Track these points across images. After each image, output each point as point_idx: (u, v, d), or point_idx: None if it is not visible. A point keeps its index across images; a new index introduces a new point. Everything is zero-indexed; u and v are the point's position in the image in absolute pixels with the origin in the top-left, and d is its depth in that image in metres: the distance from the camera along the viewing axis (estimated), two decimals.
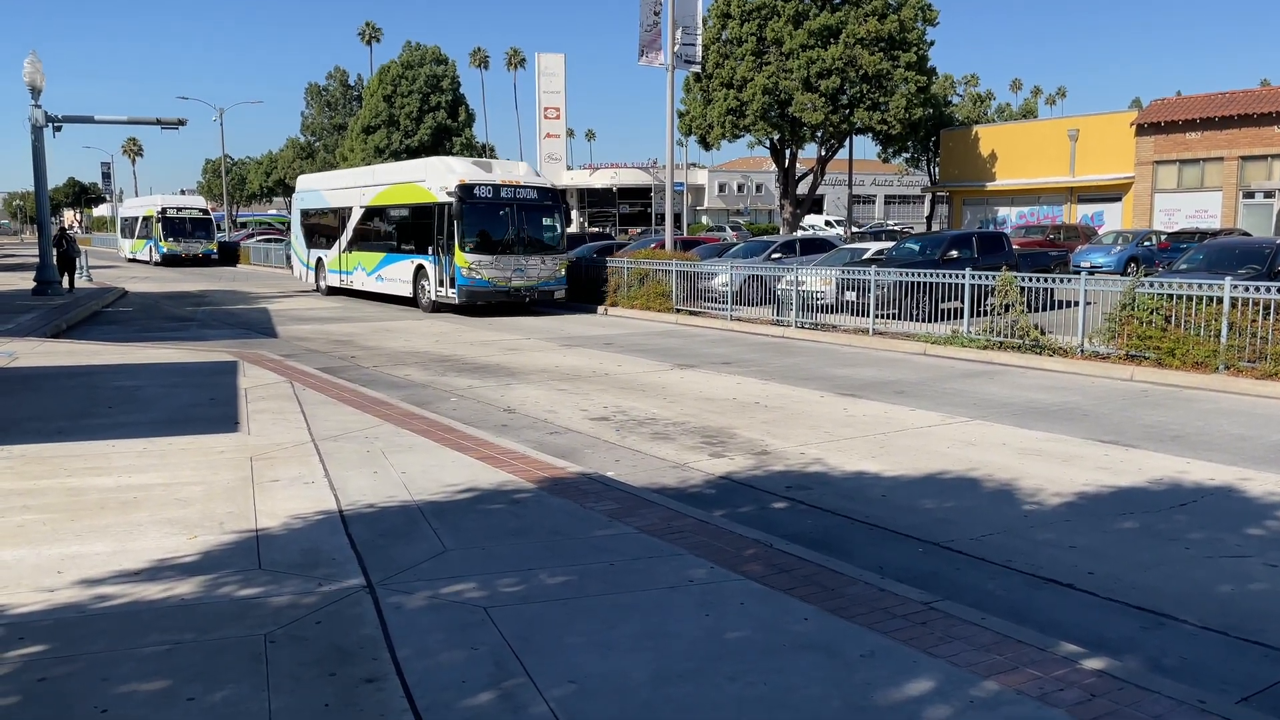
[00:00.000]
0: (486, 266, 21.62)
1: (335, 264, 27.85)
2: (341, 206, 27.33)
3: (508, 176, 22.66)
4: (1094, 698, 3.73)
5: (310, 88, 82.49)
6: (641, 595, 4.82)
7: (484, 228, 21.80)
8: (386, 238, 25.15)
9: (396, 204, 24.44)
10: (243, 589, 4.86)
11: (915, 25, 39.67)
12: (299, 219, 30.77)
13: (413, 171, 24.42)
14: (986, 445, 8.88)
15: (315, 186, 30.21)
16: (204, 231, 49.57)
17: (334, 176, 29.71)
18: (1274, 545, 6.06)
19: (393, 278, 24.64)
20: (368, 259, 25.89)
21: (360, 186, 26.46)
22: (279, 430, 8.59)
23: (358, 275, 26.45)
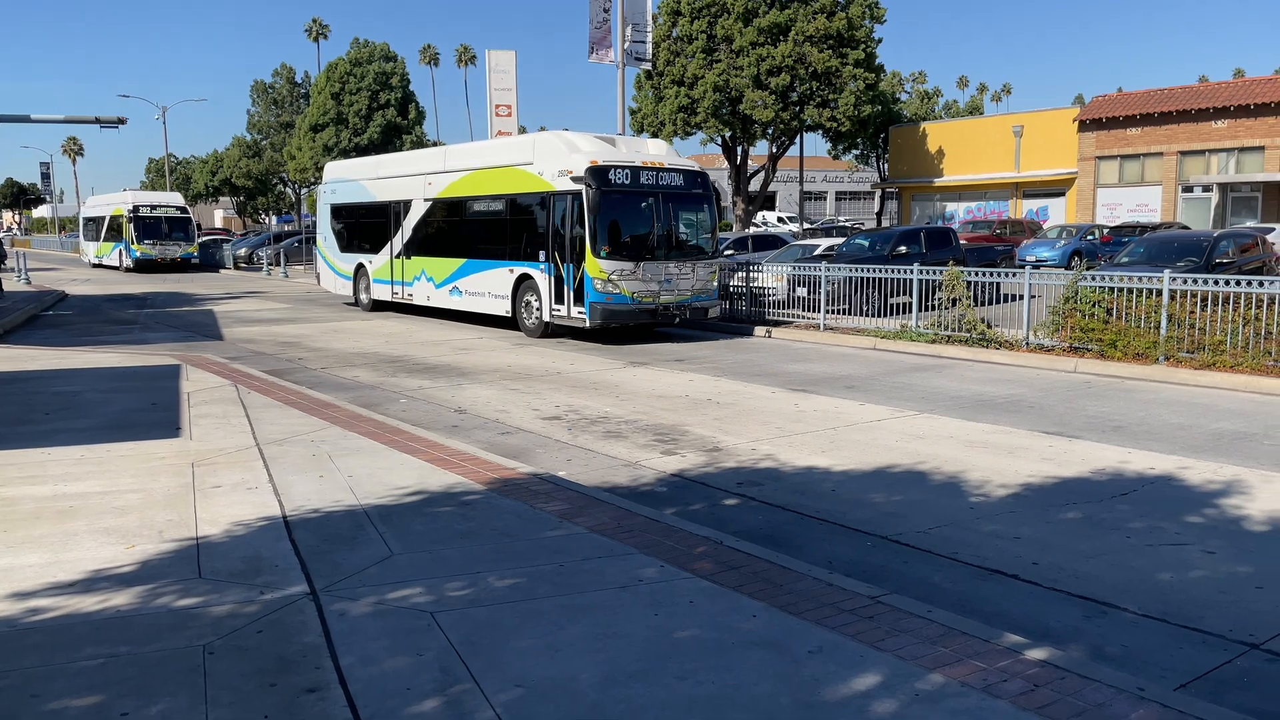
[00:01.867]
0: (626, 277, 15.88)
1: (384, 272, 22.10)
2: (395, 200, 21.57)
3: (645, 156, 16.94)
4: (1037, 688, 3.77)
5: (256, 85, 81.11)
6: (591, 596, 4.79)
7: (623, 225, 16.25)
8: (468, 239, 19.26)
9: (486, 194, 18.64)
10: (182, 599, 4.74)
11: (863, 23, 40.05)
12: (327, 217, 24.65)
13: (511, 151, 18.44)
14: (934, 438, 8.97)
15: (353, 175, 23.92)
16: (182, 232, 43.32)
17: (382, 162, 23.31)
18: (1212, 533, 6.20)
19: (479, 291, 18.79)
20: (437, 267, 20.09)
21: (425, 174, 20.64)
22: (222, 435, 8.42)
23: (421, 287, 20.69)
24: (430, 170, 20.54)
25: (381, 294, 22.32)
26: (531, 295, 17.39)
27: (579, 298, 16.15)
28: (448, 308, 19.97)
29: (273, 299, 27.86)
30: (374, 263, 22.57)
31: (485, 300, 18.71)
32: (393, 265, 21.80)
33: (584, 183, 15.70)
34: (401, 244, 21.41)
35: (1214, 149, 36.55)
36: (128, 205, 42.67)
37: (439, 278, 20.08)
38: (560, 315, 16.71)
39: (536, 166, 17.06)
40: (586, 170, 15.72)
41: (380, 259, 22.30)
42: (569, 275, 16.35)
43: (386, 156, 23.51)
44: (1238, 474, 7.59)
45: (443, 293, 19.99)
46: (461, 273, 19.36)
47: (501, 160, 18.36)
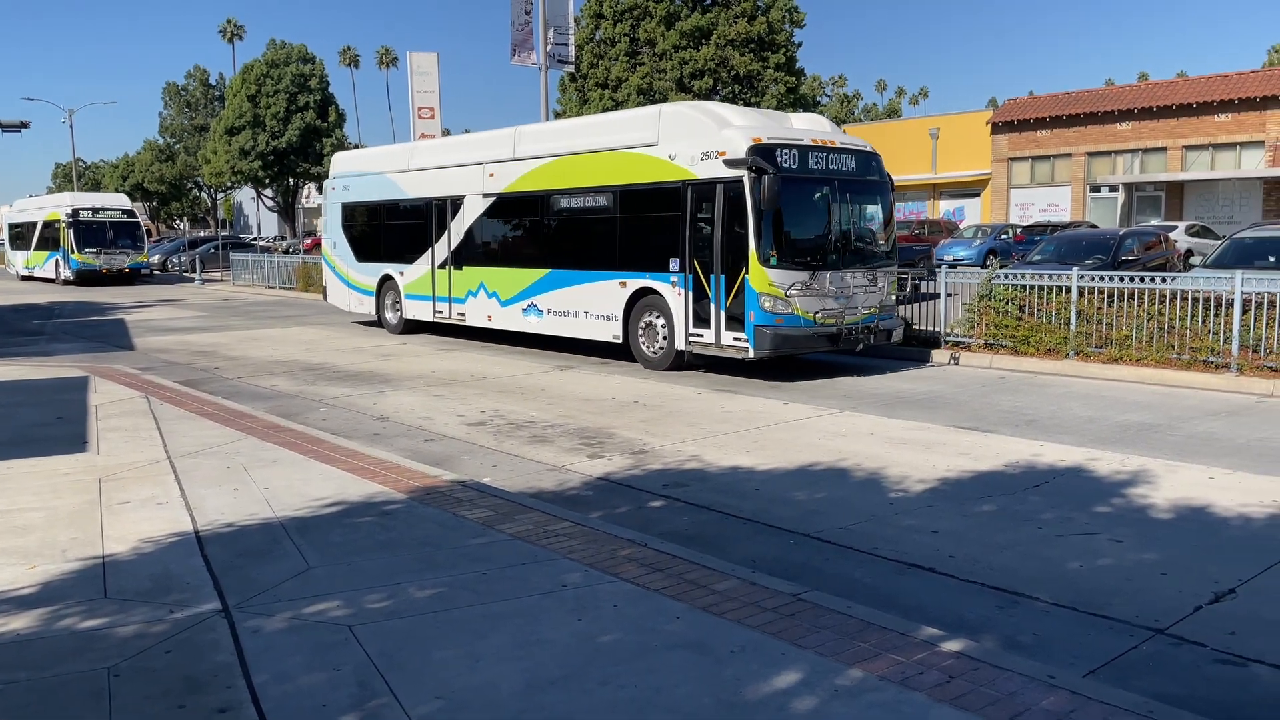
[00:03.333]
0: (802, 292, 12.17)
1: (423, 286, 17.94)
2: (438, 197, 17.42)
3: (811, 132, 13.15)
4: (952, 679, 3.85)
5: (168, 87, 79.01)
6: (514, 603, 4.74)
7: (796, 223, 12.51)
8: (554, 244, 15.15)
9: (583, 187, 14.51)
10: (85, 620, 4.56)
11: (783, 27, 40.57)
12: (338, 219, 20.27)
13: (623, 129, 14.13)
14: (856, 435, 9.12)
15: (375, 167, 19.48)
16: (129, 238, 38.49)
17: (417, 151, 18.96)
18: (1120, 522, 6.41)
19: (571, 310, 14.72)
20: (505, 279, 16.00)
21: (485, 163, 16.42)
22: (131, 449, 8.14)
23: (479, 305, 16.62)
24: (493, 158, 16.31)
25: (418, 312, 18.14)
26: (655, 315, 13.40)
27: (735, 319, 12.29)
28: (521, 330, 15.83)
29: (188, 307, 27.09)
30: (407, 274, 18.33)
31: (581, 322, 14.60)
32: (435, 278, 17.58)
33: (746, 167, 11.86)
34: (449, 251, 17.17)
35: (1120, 150, 37.90)
36: (65, 209, 38.00)
37: (507, 293, 15.93)
38: (702, 341, 12.81)
39: (665, 148, 13.12)
40: (750, 150, 11.93)
41: (416, 270, 18.08)
42: (717, 289, 12.48)
43: (423, 144, 19.23)
44: (1144, 464, 7.87)
45: (512, 312, 15.85)
46: (543, 286, 15.22)
47: (607, 142, 14.21)
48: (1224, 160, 35.33)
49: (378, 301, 19.31)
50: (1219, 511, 6.58)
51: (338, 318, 22.67)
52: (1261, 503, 6.75)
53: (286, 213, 64.88)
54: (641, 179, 13.54)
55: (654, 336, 13.55)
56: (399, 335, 18.54)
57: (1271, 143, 34.04)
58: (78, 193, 44.60)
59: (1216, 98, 34.80)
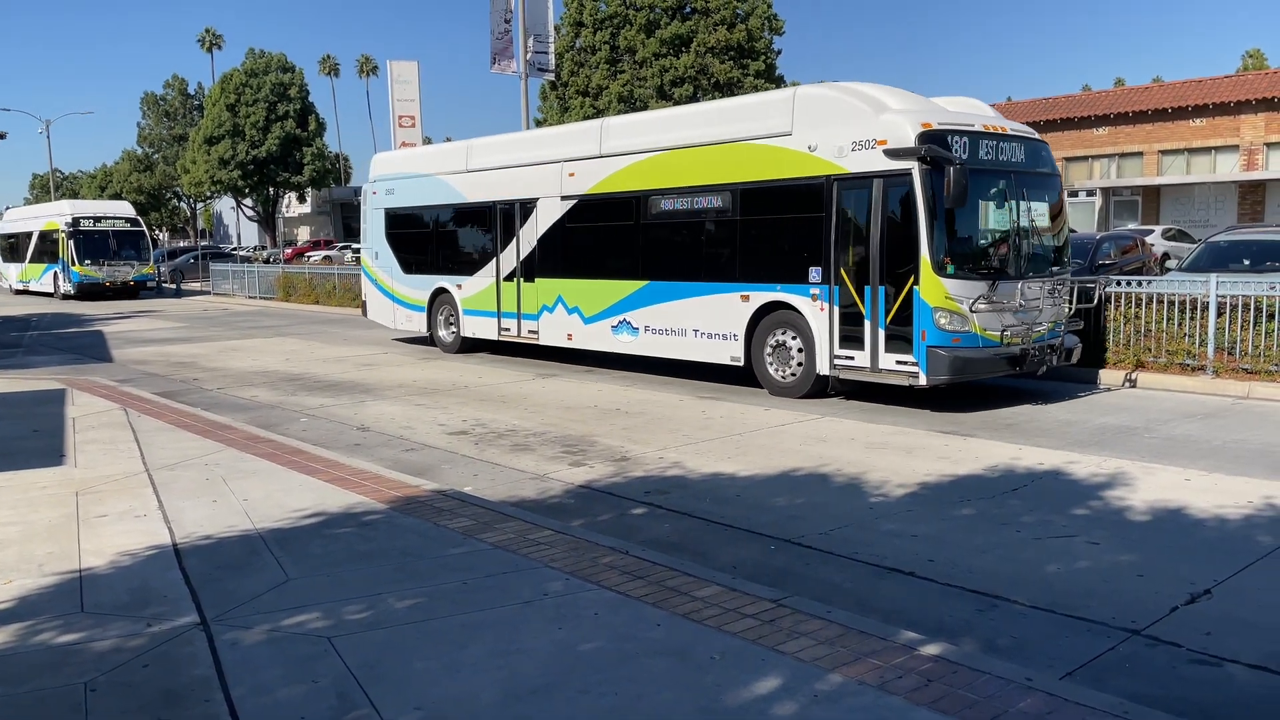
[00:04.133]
0: (987, 307, 10.32)
1: (485, 300, 16.01)
2: (505, 200, 15.48)
3: (976, 116, 11.27)
4: (930, 682, 3.87)
5: (147, 97, 78.63)
6: (494, 613, 4.73)
7: (972, 224, 10.70)
8: (655, 251, 13.26)
9: (694, 185, 12.59)
10: (62, 635, 4.52)
11: (763, 34, 40.83)
12: (380, 227, 18.28)
13: (745, 117, 12.14)
14: (836, 441, 9.16)
15: (425, 168, 17.42)
16: (133, 249, 35.83)
17: (476, 149, 16.52)
18: (1096, 524, 6.46)
19: (677, 327, 12.82)
20: (590, 292, 14.07)
21: (564, 160, 14.42)
22: (109, 461, 8.08)
23: (557, 321, 14.66)
24: (573, 155, 14.34)
25: (479, 329, 16.23)
26: (787, 333, 11.56)
27: (899, 339, 10.44)
28: (609, 351, 13.98)
29: (166, 318, 26.93)
30: (466, 288, 16.38)
31: (687, 341, 12.71)
32: (500, 291, 15.67)
33: (916, 158, 10.08)
34: (518, 261, 15.28)
35: (1096, 155, 38.25)
36: (64, 218, 35.61)
37: (592, 308, 14.00)
38: (852, 365, 10.92)
39: (803, 138, 11.21)
40: (921, 138, 10.14)
41: (477, 282, 16.14)
42: (874, 304, 10.60)
43: (483, 141, 16.68)
44: (1121, 466, 7.94)
45: (599, 329, 13.92)
46: (639, 301, 13.31)
47: (723, 133, 12.32)
48: (1199, 164, 35.73)
49: (429, 318, 17.24)
50: (1195, 513, 6.65)
51: (319, 328, 22.60)
52: (1237, 504, 6.82)
53: (266, 222, 64.63)
54: (770, 175, 11.63)
55: (786, 358, 11.62)
56: (454, 355, 16.68)
57: (1245, 147, 34.46)
58: (77, 200, 41.74)
59: (1191, 102, 35.19)
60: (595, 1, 41.06)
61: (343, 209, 78.66)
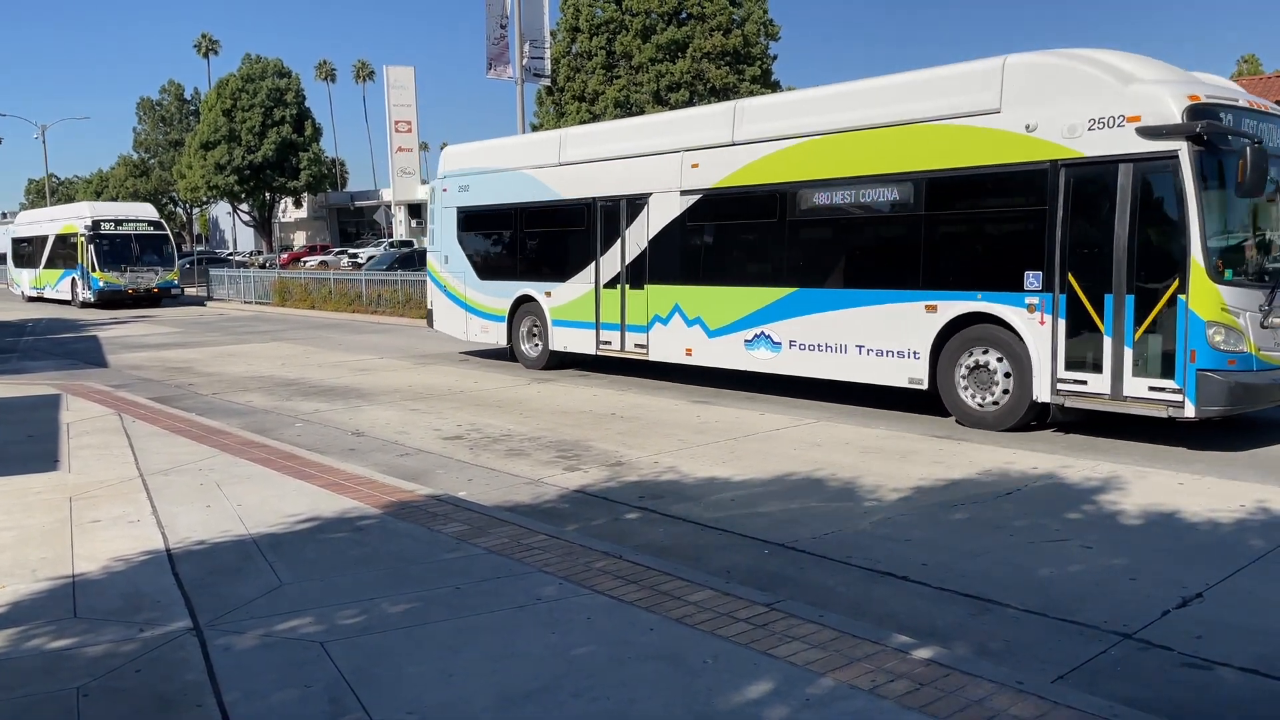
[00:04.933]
0: (1263, 321, 8.78)
1: (580, 309, 14.23)
2: (608, 196, 13.65)
3: (1236, 92, 9.65)
4: (921, 686, 3.88)
5: (143, 102, 78.69)
6: (488, 618, 4.74)
7: (1246, 222, 9.14)
8: (805, 253, 11.49)
9: (865, 176, 10.75)
10: (55, 640, 4.52)
11: (759, 40, 40.94)
12: (451, 228, 16.47)
13: (940, 92, 10.22)
14: (831, 445, 9.17)
15: (506, 162, 15.54)
16: (156, 254, 33.69)
17: (571, 139, 14.68)
18: (1089, 528, 6.48)
19: (839, 343, 10.94)
20: (715, 301, 12.30)
21: (684, 150, 12.60)
22: (103, 466, 8.07)
23: (670, 334, 12.87)
24: (697, 143, 12.45)
25: (572, 342, 14.39)
26: (989, 352, 9.80)
27: (1154, 358, 8.76)
28: (742, 369, 12.09)
29: (162, 323, 26.91)
30: (556, 295, 14.57)
31: (849, 359, 10.80)
32: (600, 299, 13.85)
33: (1184, 137, 8.43)
34: (622, 265, 13.46)
35: None
36: (84, 220, 33.36)
37: (719, 319, 12.18)
38: (1085, 392, 9.11)
39: (1018, 115, 9.45)
40: (1188, 113, 8.49)
41: (571, 289, 14.32)
42: (1119, 316, 8.85)
43: (580, 130, 15.34)
44: (1114, 470, 7.96)
45: (728, 344, 12.08)
46: (782, 311, 11.43)
47: (903, 112, 10.41)
48: None
49: (510, 329, 15.42)
50: (1187, 517, 6.67)
51: (315, 333, 22.60)
52: (1229, 507, 6.84)
53: (263, 227, 64.64)
54: (970, 161, 9.83)
55: (986, 382, 9.80)
56: (539, 371, 14.86)
57: None
58: (97, 202, 39.52)
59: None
60: (591, 7, 41.15)
61: (339, 214, 78.70)
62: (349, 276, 29.64)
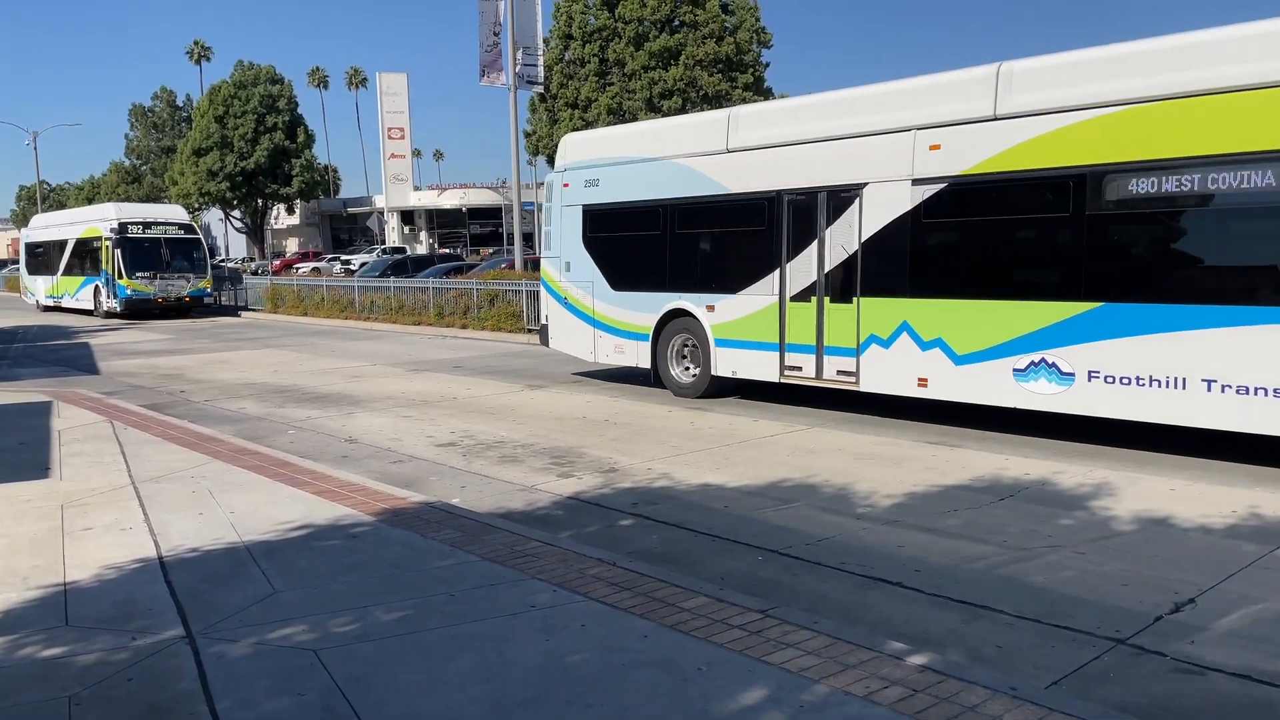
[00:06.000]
0: None
1: (758, 327, 11.63)
2: (796, 189, 11.19)
3: None
4: (915, 693, 3.88)
5: (135, 109, 78.61)
6: (482, 625, 4.73)
7: None
8: (1116, 256, 8.98)
9: (1224, 156, 8.08)
10: (46, 649, 4.50)
11: (751, 48, 41.07)
12: (576, 228, 13.85)
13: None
14: (824, 452, 9.18)
15: (655, 151, 12.89)
16: (187, 260, 31.16)
17: (746, 120, 12.05)
18: (1082, 534, 6.49)
19: (1169, 376, 8.44)
20: (964, 318, 9.78)
21: (919, 128, 10.07)
22: (95, 474, 8.04)
23: (895, 359, 10.29)
24: (942, 118, 9.87)
25: (745, 365, 11.83)
26: None
27: None
28: (1011, 406, 9.50)
29: (154, 329, 26.83)
30: (722, 309, 12.01)
31: (1199, 399, 8.27)
32: (788, 313, 11.27)
33: None
34: (821, 271, 10.92)
35: None
36: (108, 223, 30.57)
37: (972, 340, 9.62)
38: None
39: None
40: None
41: (744, 301, 11.77)
42: None
43: (756, 109, 12.47)
44: (1107, 477, 7.98)
45: (987, 372, 9.56)
46: (1080, 331, 8.96)
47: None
48: None
49: (655, 348, 12.88)
50: (1179, 522, 6.69)
51: (308, 340, 22.53)
52: (1221, 513, 6.87)
53: (255, 234, 64.53)
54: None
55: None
56: (697, 399, 12.40)
57: None
58: (124, 204, 36.16)
59: None
60: (584, 14, 41.23)
61: (332, 221, 78.65)
62: (341, 283, 29.57)
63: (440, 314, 23.82)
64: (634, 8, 39.62)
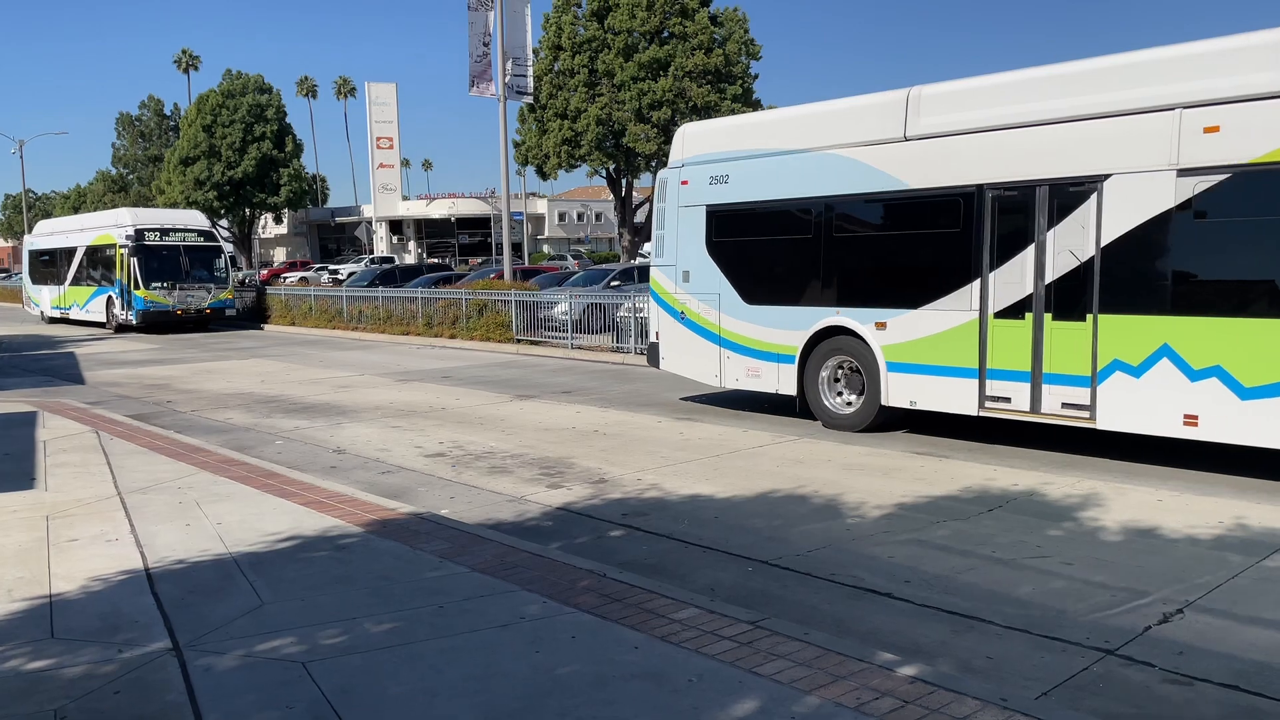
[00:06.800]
0: None
1: (949, 349, 9.77)
2: (997, 184, 9.47)
3: None
4: (906, 704, 3.88)
5: (122, 117, 78.16)
6: (471, 637, 4.71)
7: None
8: None
9: None
10: (32, 661, 4.46)
11: (740, 59, 41.23)
12: (699, 231, 12.15)
13: None
14: (814, 462, 9.20)
15: (803, 141, 11.12)
16: (206, 270, 28.96)
17: (931, 102, 10.04)
18: (1070, 545, 6.52)
19: None
20: (1261, 342, 7.82)
21: (1176, 106, 8.26)
22: (81, 485, 7.99)
23: (1147, 390, 8.43)
24: (1218, 93, 8.13)
25: (928, 394, 9.95)
26: None
27: None
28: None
29: (140, 339, 26.66)
30: (897, 326, 10.13)
31: None
32: (990, 332, 9.43)
33: None
34: (1038, 282, 9.14)
35: None
36: (124, 229, 28.31)
37: (1268, 370, 7.86)
38: None
39: None
40: None
41: (926, 318, 9.89)
42: None
43: (942, 90, 10.09)
44: (1094, 487, 8.02)
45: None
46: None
47: None
48: None
49: (802, 372, 11.03)
50: (1167, 533, 6.72)
51: (295, 350, 22.44)
52: (1208, 524, 6.90)
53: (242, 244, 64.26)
54: None
55: None
56: (857, 433, 10.62)
57: None
58: (139, 209, 32.98)
59: None
60: (574, 25, 41.33)
61: (319, 230, 78.46)
62: (329, 293, 29.45)
63: (429, 324, 23.77)
64: (624, 19, 39.74)
